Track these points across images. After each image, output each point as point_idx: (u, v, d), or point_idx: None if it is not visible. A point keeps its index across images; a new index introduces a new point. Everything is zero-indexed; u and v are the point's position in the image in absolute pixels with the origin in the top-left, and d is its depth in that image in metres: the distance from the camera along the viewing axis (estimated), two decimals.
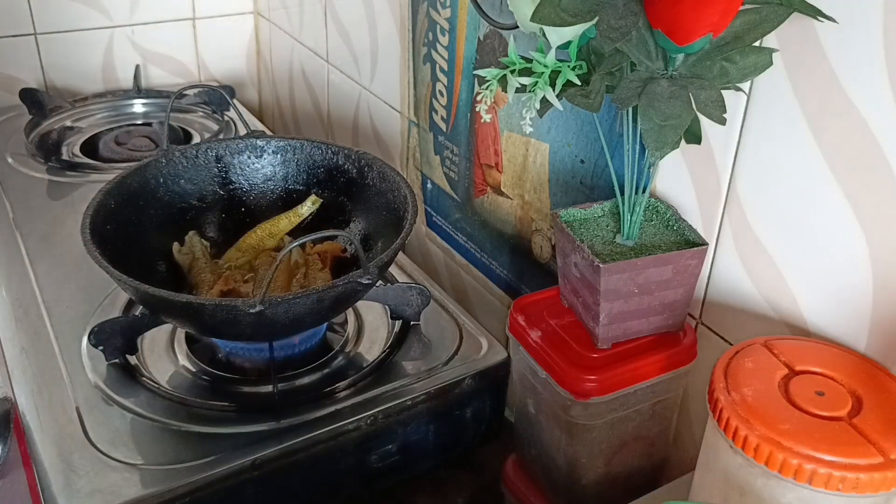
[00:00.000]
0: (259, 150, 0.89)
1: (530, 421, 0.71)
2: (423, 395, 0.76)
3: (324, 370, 0.78)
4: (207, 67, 1.53)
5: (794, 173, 0.57)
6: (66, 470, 0.66)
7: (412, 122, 1.05)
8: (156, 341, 0.81)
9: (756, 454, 0.47)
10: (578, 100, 0.56)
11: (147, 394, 0.74)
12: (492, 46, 0.85)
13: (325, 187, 0.89)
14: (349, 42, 1.18)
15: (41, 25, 1.34)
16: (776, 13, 0.50)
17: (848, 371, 0.52)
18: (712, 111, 0.51)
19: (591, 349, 0.63)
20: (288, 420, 0.72)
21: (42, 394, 0.74)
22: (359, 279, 0.69)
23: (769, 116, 0.58)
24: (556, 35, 0.53)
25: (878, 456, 0.46)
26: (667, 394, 0.66)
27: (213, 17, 1.49)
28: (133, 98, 1.36)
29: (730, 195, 0.63)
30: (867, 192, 0.53)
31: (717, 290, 0.66)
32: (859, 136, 0.52)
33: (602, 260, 0.59)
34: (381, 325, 0.85)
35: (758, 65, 0.52)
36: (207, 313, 0.66)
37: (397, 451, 0.76)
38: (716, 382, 0.51)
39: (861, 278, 0.55)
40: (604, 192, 0.75)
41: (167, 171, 0.84)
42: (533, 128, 0.82)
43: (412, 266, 0.95)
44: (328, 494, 0.74)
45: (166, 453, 0.68)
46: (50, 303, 0.86)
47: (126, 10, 1.40)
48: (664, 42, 0.50)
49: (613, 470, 0.68)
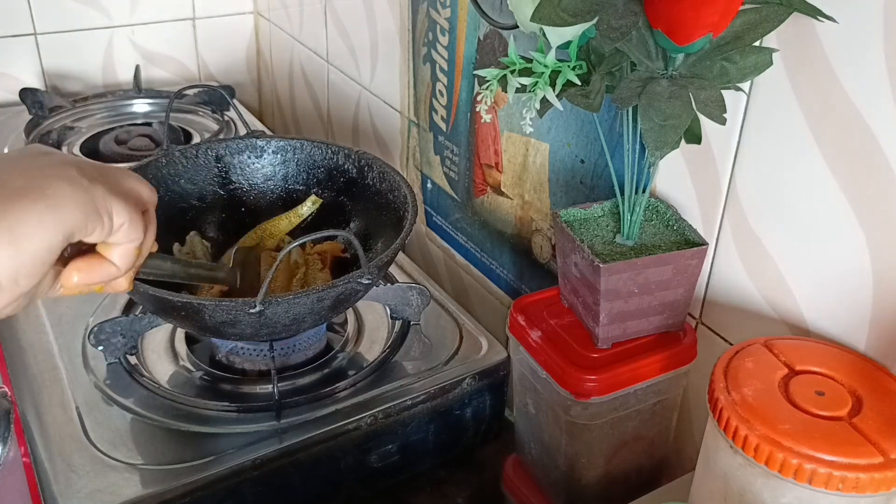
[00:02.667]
0: (259, 150, 0.89)
1: (530, 421, 0.71)
2: (423, 395, 0.76)
3: (324, 370, 0.78)
4: (207, 67, 1.53)
5: (794, 173, 0.57)
6: (66, 470, 0.66)
7: (412, 122, 1.05)
8: (156, 341, 0.81)
9: (756, 454, 0.47)
10: (578, 100, 0.56)
11: (147, 394, 0.74)
12: (492, 46, 0.85)
13: (325, 187, 0.89)
14: (349, 42, 1.18)
15: (41, 25, 1.34)
16: (776, 13, 0.50)
17: (848, 371, 0.52)
18: (712, 111, 0.51)
19: (591, 349, 0.63)
20: (288, 420, 0.72)
21: (42, 394, 0.74)
22: (359, 279, 0.69)
23: (769, 116, 0.58)
24: (556, 35, 0.53)
25: (878, 456, 0.46)
26: (667, 394, 0.66)
27: (213, 17, 1.49)
28: (133, 98, 1.36)
29: (730, 195, 0.63)
30: (867, 192, 0.53)
31: (717, 290, 0.66)
32: (859, 136, 0.52)
33: (602, 260, 0.59)
34: (381, 325, 0.85)
35: (758, 65, 0.52)
36: (207, 313, 0.66)
37: (397, 450, 0.76)
38: (716, 382, 0.51)
39: (861, 278, 0.55)
40: (604, 192, 0.75)
41: (167, 171, 0.85)
42: (533, 128, 0.82)
43: (412, 266, 0.95)
44: (328, 494, 0.74)
45: (166, 453, 0.68)
46: (50, 303, 0.85)
47: (126, 10, 1.40)
48: (664, 42, 0.50)
49: (613, 470, 0.68)
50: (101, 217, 0.46)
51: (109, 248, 0.48)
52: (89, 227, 0.45)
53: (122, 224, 0.47)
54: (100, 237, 0.47)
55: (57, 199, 0.43)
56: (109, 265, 0.48)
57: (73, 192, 0.44)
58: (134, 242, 0.49)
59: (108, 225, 0.46)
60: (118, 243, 0.48)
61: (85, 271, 0.48)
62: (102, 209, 0.46)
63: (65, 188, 0.44)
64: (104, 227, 0.46)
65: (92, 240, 0.47)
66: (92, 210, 0.45)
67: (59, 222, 0.43)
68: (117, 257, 0.48)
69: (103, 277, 0.49)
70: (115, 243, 0.48)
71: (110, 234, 0.47)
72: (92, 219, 0.45)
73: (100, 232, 0.46)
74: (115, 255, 0.48)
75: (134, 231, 0.48)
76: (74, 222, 0.44)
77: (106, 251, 0.48)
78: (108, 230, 0.47)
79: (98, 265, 0.48)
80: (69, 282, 0.48)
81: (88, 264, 0.48)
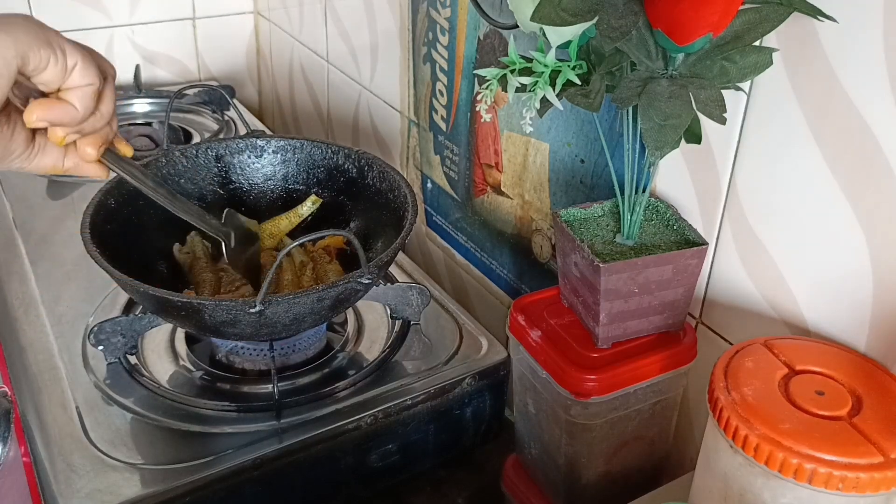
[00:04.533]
0: (259, 150, 0.89)
1: (530, 421, 0.71)
2: (423, 394, 0.76)
3: (324, 370, 0.78)
4: (207, 67, 1.53)
5: (794, 173, 0.57)
6: (66, 470, 0.66)
7: (412, 122, 1.05)
8: (156, 341, 0.81)
9: (756, 454, 0.47)
10: (578, 99, 0.56)
11: (147, 394, 0.74)
12: (492, 46, 0.85)
13: (325, 187, 0.89)
14: (349, 42, 1.18)
15: None
16: (776, 13, 0.50)
17: (848, 371, 0.52)
18: (712, 111, 0.51)
19: (591, 349, 0.63)
20: (288, 420, 0.72)
21: (42, 394, 0.74)
22: (359, 279, 0.69)
23: (769, 116, 0.58)
24: (556, 34, 0.53)
25: (878, 455, 0.46)
26: (667, 393, 0.66)
27: (213, 17, 1.49)
28: (133, 98, 1.36)
29: (730, 195, 0.63)
30: (867, 192, 0.53)
31: (717, 290, 0.66)
32: (859, 136, 0.52)
33: (602, 260, 0.59)
34: (381, 325, 0.85)
35: (758, 64, 0.52)
36: (207, 313, 0.66)
37: (397, 450, 0.76)
38: (716, 382, 0.51)
39: (861, 278, 0.55)
40: (604, 191, 0.75)
41: (167, 170, 0.85)
42: (533, 127, 0.82)
43: (412, 266, 0.95)
44: (328, 494, 0.74)
45: (166, 453, 0.68)
46: (50, 303, 0.85)
47: (126, 9, 1.40)
48: (664, 42, 0.50)
49: (613, 470, 0.68)
50: (53, 49, 0.50)
51: (68, 92, 0.52)
52: (42, 55, 0.49)
53: (75, 63, 0.51)
54: (55, 73, 0.51)
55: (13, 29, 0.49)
56: (68, 105, 0.52)
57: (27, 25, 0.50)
58: (91, 86, 0.52)
59: (62, 61, 0.50)
60: (76, 85, 0.52)
61: (45, 106, 0.52)
62: (55, 43, 0.50)
63: (20, 22, 0.49)
64: (57, 61, 0.50)
65: (48, 76, 0.50)
66: (44, 40, 0.49)
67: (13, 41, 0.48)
68: (75, 99, 0.52)
69: (63, 116, 0.52)
70: (73, 86, 0.52)
71: (65, 73, 0.51)
72: (44, 48, 0.49)
73: (53, 65, 0.50)
74: (73, 97, 0.52)
75: (89, 74, 0.52)
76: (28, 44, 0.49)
77: (66, 95, 0.52)
78: (63, 67, 0.51)
79: (58, 104, 0.52)
80: (30, 117, 0.51)
81: (48, 101, 0.52)
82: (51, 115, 0.51)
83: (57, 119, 0.52)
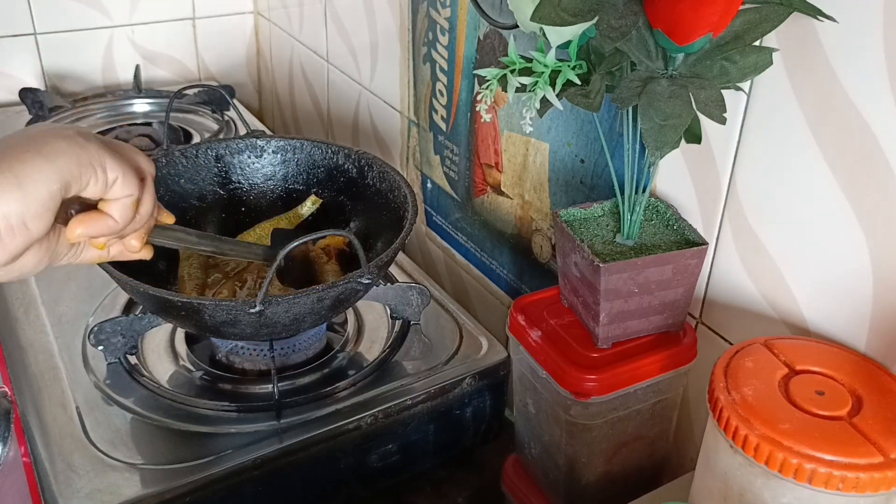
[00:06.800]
0: (259, 150, 0.89)
1: (530, 421, 0.71)
2: (423, 394, 0.76)
3: (324, 370, 0.78)
4: (207, 67, 1.53)
5: (794, 173, 0.57)
6: (66, 470, 0.66)
7: (412, 122, 1.05)
8: (156, 341, 0.81)
9: (756, 454, 0.47)
10: (578, 99, 0.56)
11: (147, 394, 0.74)
12: (492, 46, 0.85)
13: (325, 187, 0.89)
14: (349, 41, 1.18)
15: (41, 25, 1.34)
16: (776, 13, 0.50)
17: (848, 371, 0.52)
18: (712, 111, 0.51)
19: (591, 349, 0.63)
20: (288, 420, 0.72)
21: (42, 394, 0.74)
22: (359, 279, 0.69)
23: (769, 116, 0.58)
24: (556, 34, 0.53)
25: (878, 455, 0.46)
26: (667, 393, 0.66)
27: (213, 17, 1.49)
28: (133, 98, 1.36)
29: (730, 195, 0.63)
30: (867, 192, 0.53)
31: (717, 290, 0.66)
32: (859, 136, 0.52)
33: (602, 259, 0.59)
34: (381, 325, 0.85)
35: (758, 64, 0.52)
36: (207, 313, 0.66)
37: (397, 450, 0.76)
38: (716, 382, 0.51)
39: (861, 278, 0.55)
40: (604, 191, 0.75)
41: (167, 170, 0.85)
42: (533, 127, 0.82)
43: (412, 266, 0.95)
44: (328, 494, 0.74)
45: (166, 453, 0.68)
46: (50, 303, 0.86)
47: (126, 9, 1.40)
48: (664, 42, 0.50)
49: (613, 470, 0.68)
50: (94, 169, 0.50)
51: (108, 203, 0.53)
52: (84, 177, 0.50)
53: (115, 178, 0.52)
54: (96, 190, 0.51)
55: (54, 153, 0.49)
56: (108, 218, 0.53)
57: (68, 147, 0.49)
58: (130, 197, 0.53)
59: (103, 178, 0.51)
60: (115, 198, 0.53)
61: (86, 223, 0.53)
62: (96, 162, 0.50)
63: (61, 143, 0.49)
64: (98, 180, 0.51)
65: (89, 193, 0.51)
66: (86, 162, 0.50)
67: (57, 171, 0.48)
68: (115, 211, 0.53)
69: (104, 229, 0.53)
70: (112, 198, 0.53)
71: (106, 187, 0.52)
72: (86, 170, 0.50)
73: (94, 184, 0.51)
74: (113, 209, 0.53)
75: (128, 186, 0.53)
76: (70, 171, 0.49)
77: (106, 207, 0.53)
78: (104, 184, 0.51)
79: (98, 217, 0.53)
80: (73, 233, 0.53)
81: (89, 216, 0.53)
82: (91, 230, 0.53)
83: (97, 233, 0.53)
